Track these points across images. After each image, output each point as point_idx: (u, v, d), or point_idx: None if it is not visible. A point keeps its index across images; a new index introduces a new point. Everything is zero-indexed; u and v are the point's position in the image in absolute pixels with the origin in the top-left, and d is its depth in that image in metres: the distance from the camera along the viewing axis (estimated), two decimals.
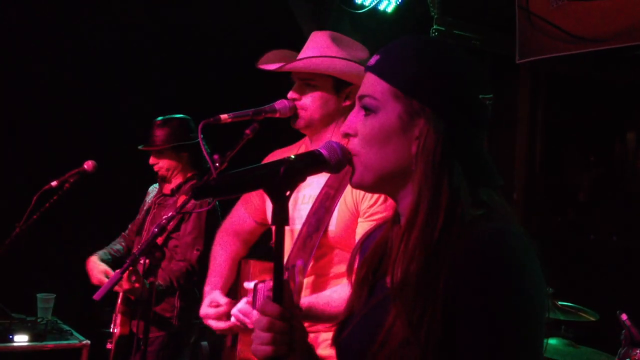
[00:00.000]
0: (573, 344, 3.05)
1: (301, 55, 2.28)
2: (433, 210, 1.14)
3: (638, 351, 2.71)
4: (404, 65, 1.20)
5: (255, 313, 1.99)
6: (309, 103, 2.20)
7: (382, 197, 2.02)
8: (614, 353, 2.85)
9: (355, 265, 1.34)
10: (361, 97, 1.24)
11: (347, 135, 1.26)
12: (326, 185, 2.16)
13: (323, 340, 2.08)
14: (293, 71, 2.26)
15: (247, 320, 2.02)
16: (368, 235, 1.38)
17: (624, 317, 2.78)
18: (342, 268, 2.12)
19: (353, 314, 1.27)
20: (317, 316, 2.01)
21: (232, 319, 2.08)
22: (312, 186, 2.19)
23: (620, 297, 3.73)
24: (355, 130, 1.24)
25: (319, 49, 2.25)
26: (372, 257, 1.29)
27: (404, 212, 1.22)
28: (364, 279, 1.27)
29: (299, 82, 2.24)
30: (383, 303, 1.18)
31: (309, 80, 2.21)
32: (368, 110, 1.22)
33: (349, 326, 1.25)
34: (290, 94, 2.24)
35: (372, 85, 1.23)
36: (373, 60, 1.25)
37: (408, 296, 1.11)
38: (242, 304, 2.06)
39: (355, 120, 1.24)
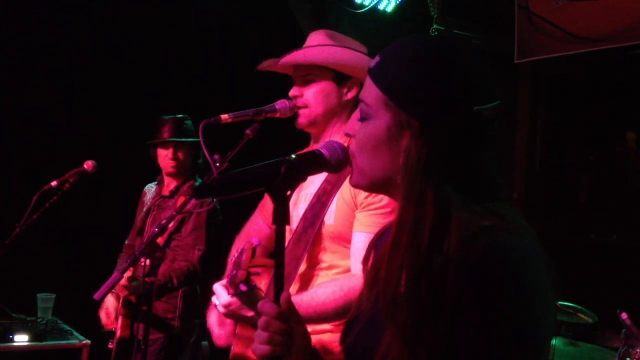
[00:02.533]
0: (573, 342, 3.05)
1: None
2: (417, 229, 1.09)
3: (638, 350, 2.71)
4: (396, 72, 1.15)
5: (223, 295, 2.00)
6: (311, 98, 2.19)
7: None
8: (613, 352, 2.85)
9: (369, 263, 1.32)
10: (359, 101, 1.22)
11: (348, 136, 1.25)
12: (325, 180, 2.16)
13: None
14: (292, 68, 2.25)
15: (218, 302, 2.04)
16: (383, 232, 1.35)
17: (624, 316, 2.79)
18: (334, 258, 2.12)
19: (361, 313, 1.24)
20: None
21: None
22: (313, 185, 2.19)
23: (621, 296, 3.73)
24: (355, 132, 1.22)
25: (311, 42, 2.25)
26: (383, 257, 1.24)
27: None
28: (374, 279, 1.23)
29: (299, 79, 2.23)
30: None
31: (308, 76, 2.20)
32: (362, 117, 1.20)
33: (355, 327, 1.23)
34: (292, 92, 2.23)
35: (367, 90, 1.19)
36: (373, 63, 1.21)
37: (401, 319, 1.07)
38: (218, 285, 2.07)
39: (356, 122, 1.23)
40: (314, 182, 2.17)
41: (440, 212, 1.09)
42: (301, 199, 2.24)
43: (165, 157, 3.69)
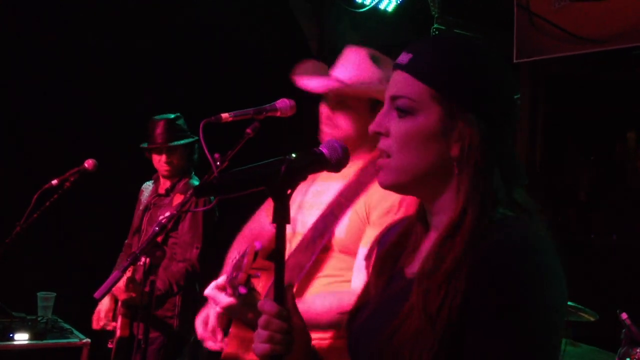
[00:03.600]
0: (573, 342, 3.05)
1: (340, 73, 2.19)
2: (482, 213, 1.12)
3: (638, 350, 2.71)
4: (441, 67, 1.18)
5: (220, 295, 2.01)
6: (343, 123, 2.14)
7: (395, 207, 2.00)
8: (613, 352, 2.85)
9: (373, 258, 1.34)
10: (394, 98, 1.21)
11: (377, 134, 1.23)
12: (340, 194, 2.14)
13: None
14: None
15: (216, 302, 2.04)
16: (388, 230, 1.37)
17: (624, 316, 2.78)
18: (338, 269, 2.12)
19: (368, 302, 1.26)
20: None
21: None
22: (327, 194, 2.18)
23: (621, 296, 3.73)
24: (387, 130, 1.21)
25: (359, 69, 2.17)
26: (393, 250, 1.28)
27: (441, 213, 1.21)
28: (382, 269, 1.27)
29: (334, 100, 2.16)
30: (400, 293, 1.18)
31: (346, 100, 2.14)
32: (404, 112, 1.19)
33: (363, 314, 1.25)
34: (324, 111, 2.17)
35: (406, 85, 1.19)
36: (405, 59, 1.21)
37: (430, 288, 1.10)
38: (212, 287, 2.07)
39: (387, 119, 1.22)
40: (328, 191, 2.16)
41: (494, 197, 1.14)
42: (313, 205, 2.22)
43: (159, 162, 3.69)
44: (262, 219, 2.44)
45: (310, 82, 2.18)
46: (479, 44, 1.24)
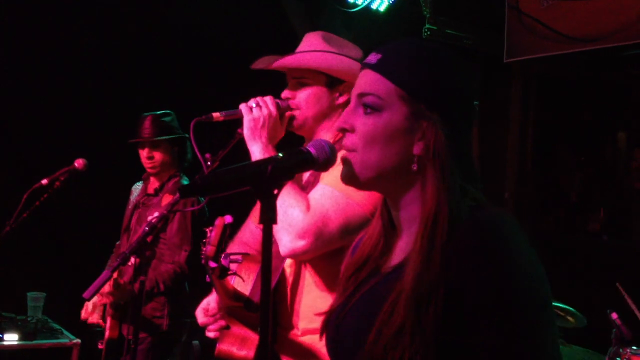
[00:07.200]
0: (564, 343, 3.06)
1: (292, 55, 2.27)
2: (453, 206, 1.15)
3: (628, 350, 2.72)
4: (411, 68, 1.21)
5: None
6: (302, 101, 2.18)
7: None
8: (604, 352, 2.86)
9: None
10: (361, 95, 1.24)
11: (343, 131, 1.25)
12: (310, 174, 2.16)
13: None
14: (285, 69, 2.25)
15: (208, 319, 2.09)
16: (360, 239, 1.39)
17: (614, 316, 2.79)
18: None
19: (340, 304, 1.28)
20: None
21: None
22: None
23: (611, 296, 3.74)
24: (352, 126, 1.24)
25: (310, 47, 2.24)
26: (359, 257, 1.30)
27: (407, 208, 1.23)
28: (351, 277, 1.30)
29: (292, 81, 2.22)
30: (374, 292, 1.21)
31: (302, 79, 2.19)
32: (370, 109, 1.22)
33: (342, 313, 1.26)
34: (284, 94, 2.23)
35: (374, 84, 1.22)
36: (374, 59, 1.24)
37: (416, 291, 1.12)
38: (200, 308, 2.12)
39: (353, 116, 1.24)
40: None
41: (457, 195, 1.17)
42: None
43: (143, 157, 3.69)
44: (250, 226, 2.43)
45: (262, 65, 2.25)
46: (445, 49, 1.27)
